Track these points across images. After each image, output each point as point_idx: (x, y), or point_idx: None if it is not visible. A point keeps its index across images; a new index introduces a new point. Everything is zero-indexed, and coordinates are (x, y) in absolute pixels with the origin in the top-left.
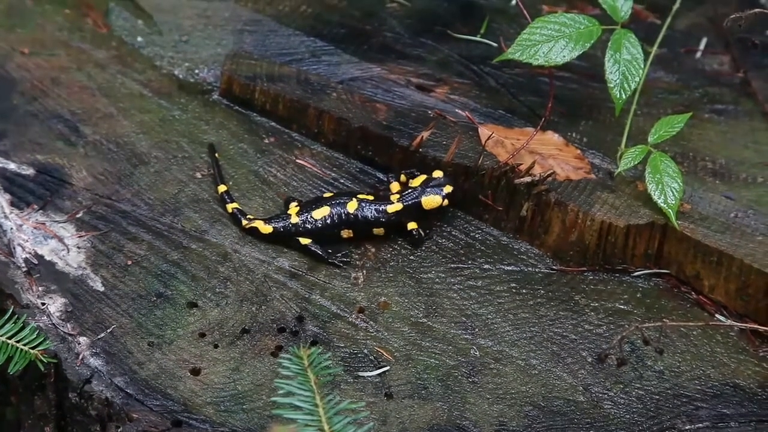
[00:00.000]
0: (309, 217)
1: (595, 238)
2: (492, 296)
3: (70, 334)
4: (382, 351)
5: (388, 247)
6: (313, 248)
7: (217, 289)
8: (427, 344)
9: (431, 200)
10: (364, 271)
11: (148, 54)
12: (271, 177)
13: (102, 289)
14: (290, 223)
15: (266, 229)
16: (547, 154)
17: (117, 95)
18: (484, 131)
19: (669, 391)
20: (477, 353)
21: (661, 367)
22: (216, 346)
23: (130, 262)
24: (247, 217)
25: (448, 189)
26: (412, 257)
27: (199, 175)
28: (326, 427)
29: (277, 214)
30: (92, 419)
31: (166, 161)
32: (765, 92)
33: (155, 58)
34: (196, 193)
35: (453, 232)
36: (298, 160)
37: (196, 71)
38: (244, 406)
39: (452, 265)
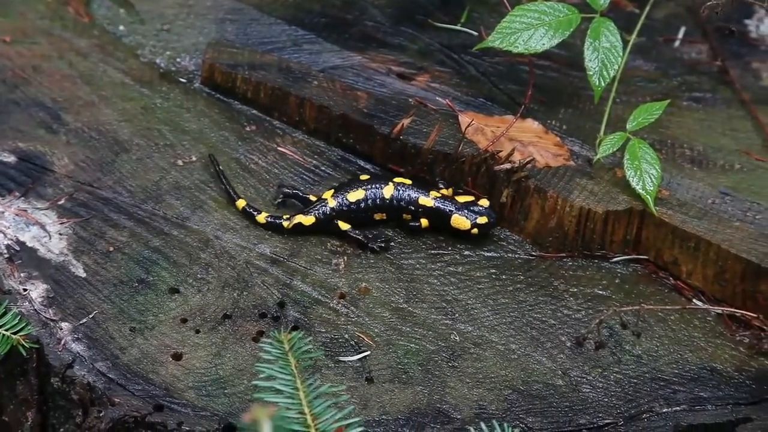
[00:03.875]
0: (344, 199)
1: (574, 224)
2: (472, 282)
3: (52, 320)
4: (362, 336)
5: (369, 234)
6: (353, 234)
7: (198, 275)
8: (408, 329)
9: (460, 221)
10: (345, 257)
11: (129, 43)
12: (252, 164)
13: (84, 275)
14: (329, 207)
15: (309, 220)
16: (526, 141)
17: (99, 83)
18: (464, 119)
19: (647, 375)
20: (457, 338)
21: (639, 352)
22: (197, 332)
23: (111, 249)
24: (284, 217)
25: (481, 219)
26: (392, 243)
27: (180, 162)
28: (307, 411)
29: (312, 203)
30: (74, 404)
31: (148, 149)
32: (742, 80)
33: (137, 47)
34: (178, 181)
35: None
36: (279, 148)
37: (178, 60)
38: (225, 391)
39: (432, 251)
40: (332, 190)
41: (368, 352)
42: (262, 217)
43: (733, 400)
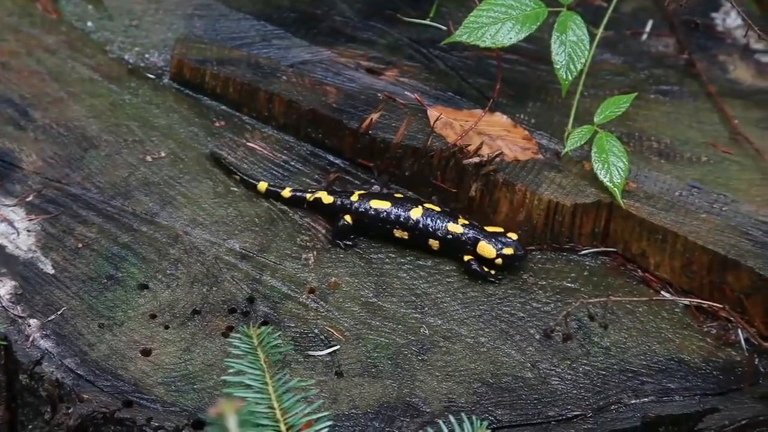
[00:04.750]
0: (367, 202)
1: (542, 218)
2: (441, 275)
3: (20, 317)
4: (332, 330)
5: None
6: (340, 223)
7: (167, 271)
8: (377, 323)
9: (487, 249)
10: (315, 252)
11: (98, 39)
12: (222, 160)
13: (52, 271)
14: (350, 201)
15: (328, 199)
16: (495, 135)
17: (67, 80)
18: (432, 113)
19: (615, 367)
20: (426, 332)
21: (608, 343)
22: (167, 327)
23: (80, 245)
24: (309, 190)
25: (507, 250)
26: (362, 238)
27: (149, 158)
28: (276, 405)
29: (342, 190)
30: (43, 400)
31: (117, 145)
32: (709, 73)
33: (105, 43)
34: (147, 177)
35: None
36: (248, 143)
37: (147, 56)
38: (194, 386)
39: (402, 246)
40: (364, 192)
41: (338, 347)
42: (287, 192)
43: (701, 390)
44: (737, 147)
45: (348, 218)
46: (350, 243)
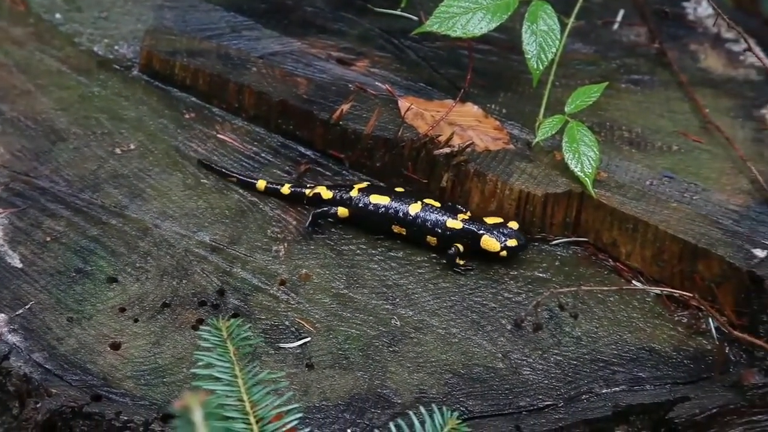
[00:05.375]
0: (366, 197)
1: (513, 208)
2: (413, 266)
3: None
4: (303, 322)
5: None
6: (318, 211)
7: (137, 264)
8: (348, 315)
9: (491, 243)
10: (286, 244)
11: (66, 31)
12: (191, 152)
13: (20, 265)
14: (349, 195)
15: (327, 194)
16: (466, 125)
17: (35, 72)
18: (403, 103)
19: (586, 356)
20: (398, 323)
21: (579, 333)
22: (136, 321)
23: (48, 239)
24: (308, 185)
25: (511, 242)
26: (333, 229)
27: (119, 150)
28: (245, 398)
29: (341, 184)
30: (11, 395)
31: (86, 137)
32: (680, 62)
33: (74, 35)
34: (116, 169)
35: None
36: (219, 135)
37: (116, 47)
38: (164, 380)
39: (373, 237)
40: (365, 184)
41: (309, 339)
42: (286, 188)
43: (671, 379)
44: (708, 136)
45: (341, 211)
46: (320, 231)
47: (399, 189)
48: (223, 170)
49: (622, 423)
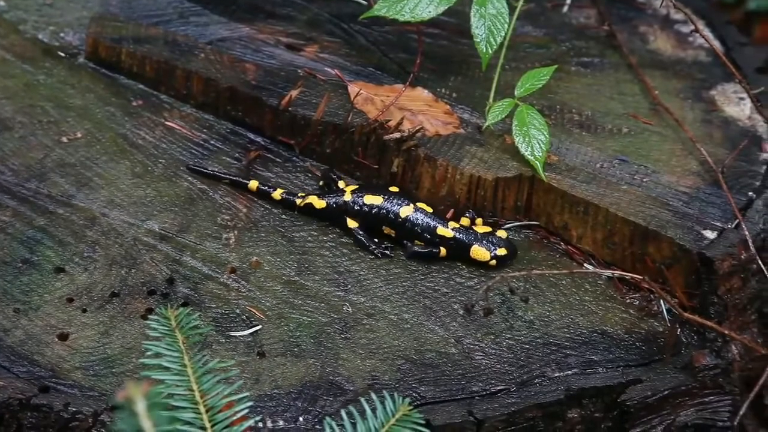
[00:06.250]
0: (360, 198)
1: (464, 192)
2: (364, 252)
3: None
4: (254, 310)
5: (259, 207)
6: (358, 234)
7: (85, 254)
8: (300, 302)
9: (480, 253)
10: (236, 231)
11: (10, 18)
12: (139, 140)
13: None
14: (343, 200)
15: (320, 204)
16: (416, 110)
17: None
18: (353, 88)
19: (539, 340)
20: (349, 309)
21: (531, 317)
22: (84, 311)
23: None
24: (299, 195)
25: (501, 251)
26: (284, 216)
27: (65, 139)
28: (195, 387)
29: (331, 190)
30: None
31: (31, 126)
32: (630, 44)
33: (18, 22)
34: (63, 158)
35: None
36: (167, 123)
37: (61, 35)
38: (113, 370)
39: (324, 223)
40: (356, 186)
41: (260, 327)
42: (277, 194)
43: (624, 362)
44: (658, 118)
45: (351, 222)
46: (387, 252)
47: (394, 188)
48: (215, 173)
49: (575, 406)
